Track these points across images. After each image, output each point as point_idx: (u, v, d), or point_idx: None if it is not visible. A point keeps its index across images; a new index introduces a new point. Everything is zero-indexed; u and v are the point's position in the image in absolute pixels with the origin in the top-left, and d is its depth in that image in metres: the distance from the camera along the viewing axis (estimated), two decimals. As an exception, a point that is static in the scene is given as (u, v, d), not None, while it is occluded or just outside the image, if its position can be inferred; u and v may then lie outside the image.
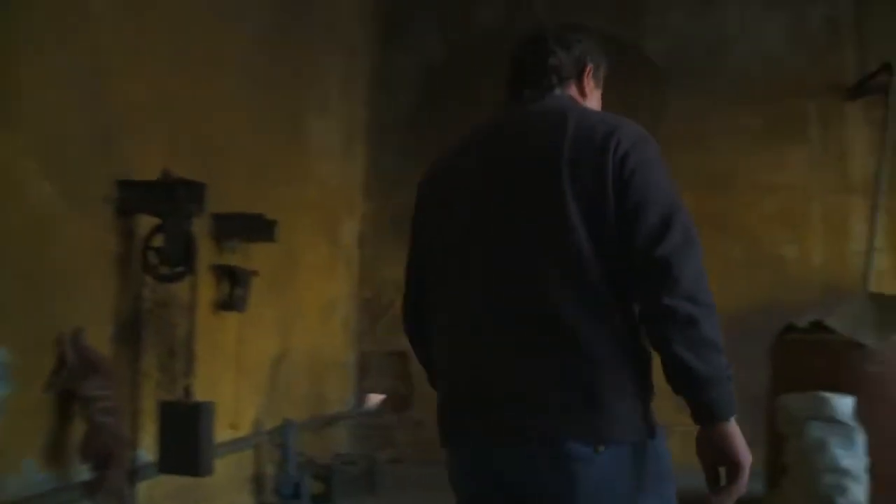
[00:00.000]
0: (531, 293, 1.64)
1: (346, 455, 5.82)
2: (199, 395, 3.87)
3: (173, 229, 3.57)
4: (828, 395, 4.26)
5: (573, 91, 1.88)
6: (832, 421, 4.20)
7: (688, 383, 1.56)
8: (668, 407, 1.88)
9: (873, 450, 4.16)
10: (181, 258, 3.60)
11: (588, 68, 1.90)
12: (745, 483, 1.58)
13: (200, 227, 3.92)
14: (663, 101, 6.87)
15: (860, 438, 4.17)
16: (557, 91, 1.85)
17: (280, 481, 4.99)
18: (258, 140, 5.05)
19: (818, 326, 4.73)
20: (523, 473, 1.63)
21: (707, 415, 1.57)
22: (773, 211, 6.72)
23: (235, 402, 4.71)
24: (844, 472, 4.09)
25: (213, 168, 4.19)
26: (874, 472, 4.14)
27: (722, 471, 1.59)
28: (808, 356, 4.65)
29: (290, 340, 5.62)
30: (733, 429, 1.57)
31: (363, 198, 7.19)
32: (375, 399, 6.90)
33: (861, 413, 4.23)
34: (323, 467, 5.23)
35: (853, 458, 4.13)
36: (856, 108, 6.71)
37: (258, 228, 4.62)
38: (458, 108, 6.88)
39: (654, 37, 7.05)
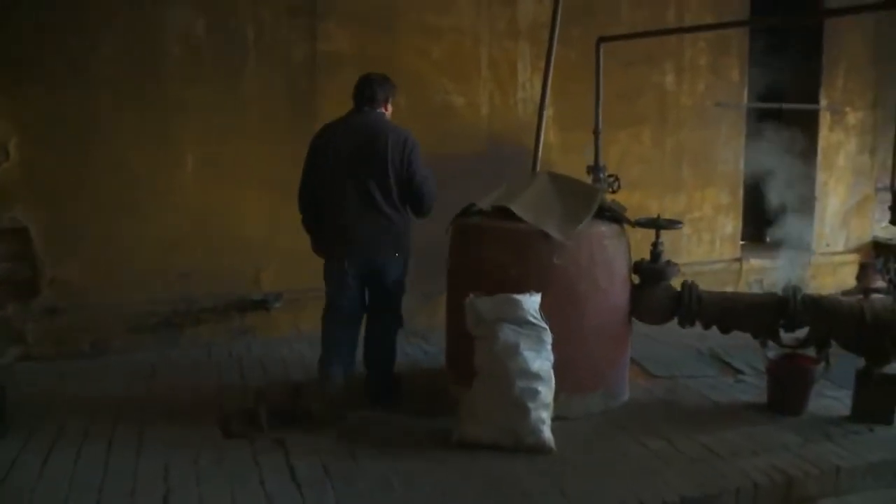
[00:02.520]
0: (372, 198, 4.32)
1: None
2: None
3: None
4: (518, 297, 4.08)
5: (384, 109, 4.55)
6: (522, 322, 4.06)
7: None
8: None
9: (557, 344, 4.12)
10: None
11: (390, 99, 4.61)
12: None
13: None
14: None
15: (548, 338, 4.10)
16: (379, 109, 4.51)
17: None
18: None
19: (502, 211, 4.49)
20: (370, 266, 4.44)
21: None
22: (441, 56, 6.28)
23: None
24: (535, 376, 4.01)
25: None
26: (555, 365, 4.12)
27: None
28: (494, 245, 4.42)
29: None
30: None
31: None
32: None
33: (546, 309, 4.14)
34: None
35: (543, 360, 4.06)
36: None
37: None
38: None
39: None
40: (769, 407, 4.64)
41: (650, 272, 4.66)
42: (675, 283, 4.78)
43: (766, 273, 7.65)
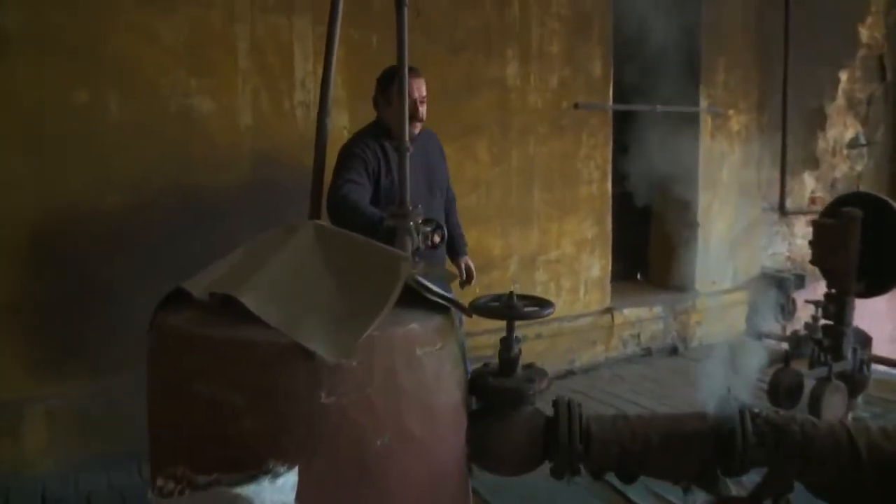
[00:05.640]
0: None
1: None
2: None
3: None
4: (249, 491, 2.01)
5: (378, 112, 3.71)
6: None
7: None
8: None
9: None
10: None
11: (381, 96, 3.67)
12: None
13: None
14: None
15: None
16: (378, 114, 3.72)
17: None
18: None
19: (229, 302, 2.40)
20: None
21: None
22: (176, 37, 4.13)
23: None
24: None
25: None
26: None
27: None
28: (212, 372, 2.34)
29: None
30: None
31: None
32: None
33: (312, 496, 2.11)
34: None
35: None
36: None
37: None
38: None
39: None
40: None
41: (501, 394, 2.68)
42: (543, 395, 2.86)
43: (643, 326, 5.96)
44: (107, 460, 4.01)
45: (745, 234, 6.57)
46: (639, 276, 6.65)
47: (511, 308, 2.63)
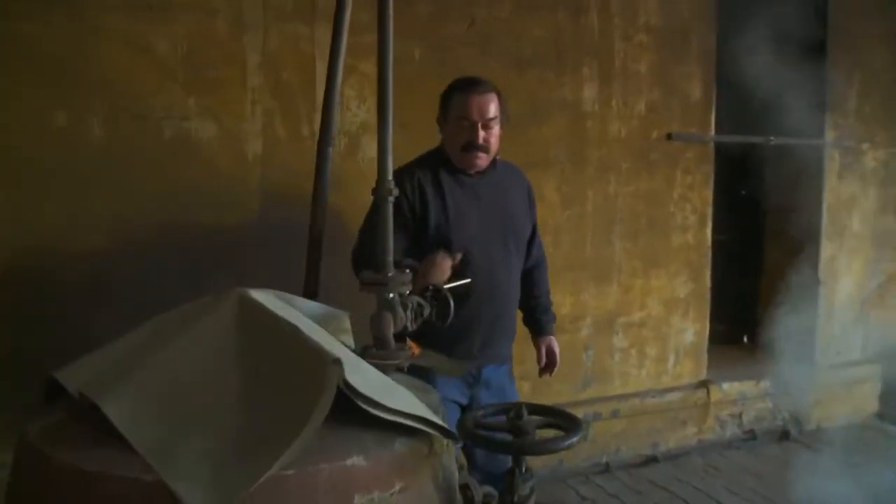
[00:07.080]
0: None
1: None
2: None
3: None
4: None
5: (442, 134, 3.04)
6: None
7: None
8: None
9: None
10: None
11: (441, 116, 3.02)
12: None
13: None
14: None
15: None
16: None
17: None
18: None
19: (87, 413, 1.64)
20: None
21: None
22: (173, 49, 3.48)
23: None
24: None
25: None
26: None
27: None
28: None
29: None
30: None
31: None
32: None
33: None
34: None
35: None
36: None
37: None
38: None
39: None
40: None
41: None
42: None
43: (746, 403, 4.94)
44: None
45: (880, 294, 5.43)
46: (745, 340, 5.61)
47: (518, 431, 1.76)
